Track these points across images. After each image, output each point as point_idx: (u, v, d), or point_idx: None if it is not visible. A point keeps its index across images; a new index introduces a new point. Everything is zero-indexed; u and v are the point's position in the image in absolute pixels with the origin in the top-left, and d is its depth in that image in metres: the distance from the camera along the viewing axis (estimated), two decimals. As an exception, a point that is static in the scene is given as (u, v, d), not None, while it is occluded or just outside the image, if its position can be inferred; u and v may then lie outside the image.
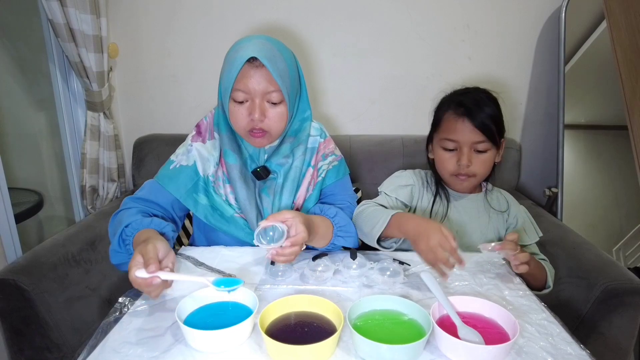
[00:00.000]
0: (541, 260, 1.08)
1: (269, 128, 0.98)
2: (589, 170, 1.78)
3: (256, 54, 0.92)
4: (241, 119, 0.97)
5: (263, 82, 0.94)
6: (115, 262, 0.93)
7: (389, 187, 1.16)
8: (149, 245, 0.78)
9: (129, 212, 0.96)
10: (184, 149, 1.06)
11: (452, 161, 1.06)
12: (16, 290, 1.06)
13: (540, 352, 0.69)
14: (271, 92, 0.95)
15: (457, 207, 1.14)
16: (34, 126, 1.68)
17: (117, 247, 0.90)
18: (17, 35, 1.59)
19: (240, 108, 0.97)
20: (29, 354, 1.13)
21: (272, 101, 0.97)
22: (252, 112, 0.96)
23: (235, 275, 0.91)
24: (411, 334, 0.70)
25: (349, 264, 0.94)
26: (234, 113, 0.98)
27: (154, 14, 1.69)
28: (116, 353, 0.68)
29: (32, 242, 1.58)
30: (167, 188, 1.02)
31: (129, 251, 0.89)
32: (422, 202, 1.16)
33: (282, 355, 0.66)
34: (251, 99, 0.96)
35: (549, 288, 1.04)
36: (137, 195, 1.02)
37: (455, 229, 1.12)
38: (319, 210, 1.05)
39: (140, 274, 0.73)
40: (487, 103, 1.04)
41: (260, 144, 1.01)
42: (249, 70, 0.93)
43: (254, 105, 0.96)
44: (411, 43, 1.71)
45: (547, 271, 1.04)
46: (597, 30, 1.62)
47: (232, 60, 0.95)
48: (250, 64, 0.93)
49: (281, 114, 0.98)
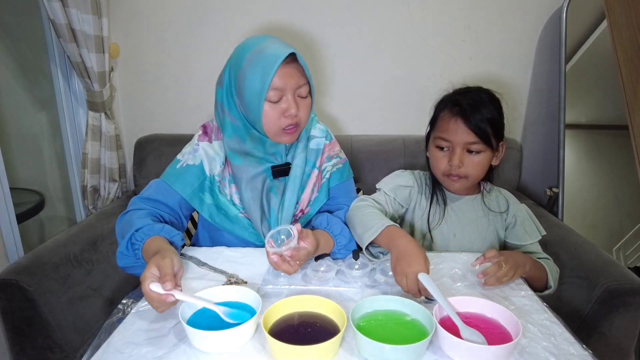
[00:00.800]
0: (543, 259, 1.05)
1: (300, 121, 0.99)
2: (589, 170, 1.78)
3: (292, 50, 0.93)
4: (276, 118, 0.97)
5: (296, 76, 0.95)
6: (121, 265, 0.92)
7: (388, 186, 1.14)
8: (166, 260, 0.77)
9: (138, 214, 0.95)
10: (191, 148, 1.06)
11: (444, 161, 1.05)
12: (18, 290, 1.07)
13: (543, 353, 0.69)
14: (302, 86, 0.97)
15: (454, 209, 1.12)
16: (35, 126, 1.68)
17: (124, 250, 0.89)
18: (19, 36, 1.59)
19: (276, 107, 0.96)
20: (31, 354, 1.13)
21: (301, 95, 0.98)
22: (288, 109, 0.95)
23: (238, 275, 0.91)
24: (414, 334, 0.70)
25: (351, 264, 0.94)
26: (270, 114, 0.96)
27: (155, 14, 1.69)
28: (120, 353, 0.69)
29: (34, 242, 1.59)
30: (174, 187, 1.01)
31: (136, 255, 0.89)
32: (420, 205, 1.14)
33: (285, 356, 0.66)
34: (285, 96, 0.96)
35: (551, 289, 1.01)
36: (144, 195, 1.01)
37: (453, 232, 1.11)
38: (325, 222, 1.02)
39: (155, 288, 0.72)
40: (486, 104, 1.00)
41: (291, 140, 1.02)
42: (282, 69, 0.93)
43: (289, 102, 0.96)
44: (412, 43, 1.71)
45: (548, 272, 1.01)
46: (598, 30, 1.62)
47: (262, 61, 0.92)
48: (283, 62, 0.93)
49: (309, 105, 1.01)
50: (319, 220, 1.04)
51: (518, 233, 1.10)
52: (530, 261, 0.97)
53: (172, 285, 0.73)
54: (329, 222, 1.02)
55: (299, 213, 1.08)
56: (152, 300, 0.73)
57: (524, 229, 1.09)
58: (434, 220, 1.12)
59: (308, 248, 0.86)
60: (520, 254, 0.98)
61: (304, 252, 0.85)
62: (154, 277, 0.74)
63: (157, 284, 0.73)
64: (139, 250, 0.88)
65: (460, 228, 1.12)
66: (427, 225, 1.12)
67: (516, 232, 1.10)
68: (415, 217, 1.15)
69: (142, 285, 0.73)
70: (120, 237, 0.94)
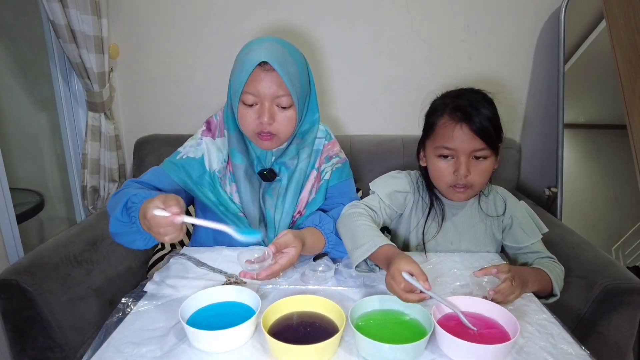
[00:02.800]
0: (547, 259, 1.01)
1: (277, 132, 0.98)
2: (588, 170, 1.78)
3: (267, 58, 0.91)
4: (250, 121, 0.97)
5: (273, 86, 0.94)
6: (114, 230, 0.87)
7: (383, 190, 1.07)
8: (170, 195, 0.76)
9: (132, 189, 0.92)
10: (193, 141, 1.06)
11: (449, 171, 0.98)
12: (18, 290, 1.07)
13: (541, 352, 0.70)
14: (281, 96, 0.95)
15: (451, 218, 1.09)
16: (35, 127, 1.68)
17: (119, 215, 0.84)
18: (18, 36, 1.60)
19: (250, 111, 0.96)
20: (32, 354, 1.14)
21: (281, 105, 0.96)
22: (261, 116, 0.95)
23: (237, 275, 0.91)
24: (413, 333, 0.70)
25: (349, 263, 0.94)
26: (243, 116, 0.97)
27: (155, 14, 1.69)
28: (119, 353, 0.69)
29: (34, 242, 1.59)
30: (172, 175, 1.01)
31: (132, 220, 0.83)
32: (416, 213, 1.10)
33: (285, 355, 0.66)
34: (261, 103, 0.95)
35: (556, 297, 0.95)
36: (140, 179, 1.00)
37: (449, 239, 1.09)
38: (317, 220, 1.01)
39: (159, 212, 0.71)
40: (485, 106, 0.96)
41: (268, 147, 1.01)
42: (259, 74, 0.93)
43: (263, 109, 0.95)
44: (411, 43, 1.71)
45: (553, 280, 0.93)
46: (597, 30, 1.62)
47: (243, 62, 0.95)
48: (261, 68, 0.93)
49: (290, 118, 0.98)
50: (310, 218, 1.04)
51: (516, 235, 1.06)
52: (532, 278, 0.90)
53: (178, 210, 0.71)
54: (321, 220, 1.02)
55: (297, 215, 1.08)
56: (158, 225, 0.72)
57: (522, 230, 1.05)
58: (430, 233, 1.08)
59: (282, 262, 0.83)
60: (526, 270, 0.92)
61: (279, 266, 0.82)
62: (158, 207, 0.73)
63: (161, 210, 0.72)
64: (136, 213, 0.81)
65: (457, 236, 1.09)
66: (422, 238, 1.08)
67: (513, 234, 1.07)
68: (411, 226, 1.11)
69: (147, 213, 0.72)
70: (113, 209, 0.88)
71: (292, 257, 0.85)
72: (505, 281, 0.81)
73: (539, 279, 0.92)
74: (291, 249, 0.86)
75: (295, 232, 0.90)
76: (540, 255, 1.04)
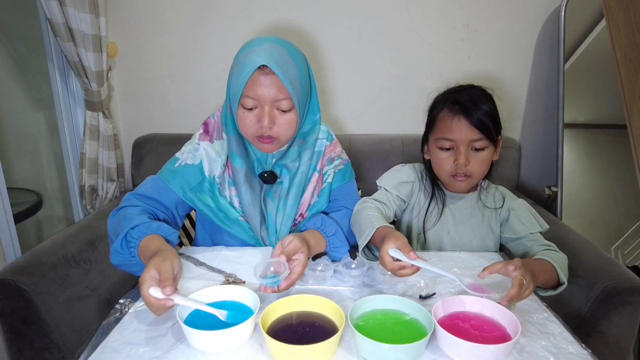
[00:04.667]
0: (545, 248, 0.99)
1: (278, 135, 0.96)
2: (588, 169, 1.78)
3: (267, 62, 0.89)
4: (249, 125, 0.95)
5: (273, 90, 0.92)
6: (115, 262, 0.90)
7: (389, 183, 1.13)
8: (166, 262, 0.76)
9: (132, 211, 0.93)
10: (191, 147, 1.04)
11: (449, 161, 1.04)
12: (16, 290, 1.06)
13: (542, 352, 0.69)
14: (281, 100, 0.93)
15: (451, 208, 1.13)
16: (33, 126, 1.67)
17: (119, 247, 0.87)
18: (16, 35, 1.59)
19: (249, 114, 0.95)
20: (29, 355, 1.13)
21: (281, 108, 0.94)
22: (261, 119, 0.93)
23: (236, 275, 0.91)
24: (413, 333, 0.70)
25: (348, 263, 0.94)
26: (243, 119, 0.95)
27: (153, 13, 1.68)
28: (117, 353, 0.68)
29: (32, 242, 1.58)
30: (170, 185, 1.00)
31: (132, 254, 0.87)
32: (418, 203, 1.15)
33: (284, 355, 0.66)
34: (260, 106, 0.94)
35: (564, 285, 0.92)
36: (139, 192, 0.99)
37: (447, 229, 1.12)
38: (319, 222, 1.01)
39: (154, 292, 0.71)
40: (483, 100, 1.02)
41: (268, 149, 0.99)
42: (258, 77, 0.91)
43: (263, 113, 0.93)
44: (411, 42, 1.71)
45: (557, 269, 0.91)
46: (596, 29, 1.62)
47: (242, 65, 0.92)
48: (260, 71, 0.90)
49: (290, 121, 0.96)
50: (312, 220, 1.02)
51: (513, 225, 1.08)
52: (538, 269, 0.87)
53: (172, 290, 0.71)
54: (323, 222, 1.01)
55: (299, 217, 1.07)
56: (150, 305, 0.72)
57: (519, 221, 1.07)
58: (430, 221, 1.13)
59: (297, 270, 0.83)
60: (532, 263, 0.89)
61: (297, 275, 0.83)
62: (153, 281, 0.72)
63: (156, 288, 0.71)
64: (134, 249, 0.86)
65: (454, 226, 1.12)
66: (422, 225, 1.13)
67: (510, 225, 1.09)
68: (413, 215, 1.15)
69: (141, 289, 0.72)
70: (114, 234, 0.92)
71: (303, 262, 0.85)
72: (514, 286, 0.78)
73: (543, 269, 0.90)
74: (300, 254, 0.85)
75: (300, 236, 0.89)
76: (539, 243, 1.02)
